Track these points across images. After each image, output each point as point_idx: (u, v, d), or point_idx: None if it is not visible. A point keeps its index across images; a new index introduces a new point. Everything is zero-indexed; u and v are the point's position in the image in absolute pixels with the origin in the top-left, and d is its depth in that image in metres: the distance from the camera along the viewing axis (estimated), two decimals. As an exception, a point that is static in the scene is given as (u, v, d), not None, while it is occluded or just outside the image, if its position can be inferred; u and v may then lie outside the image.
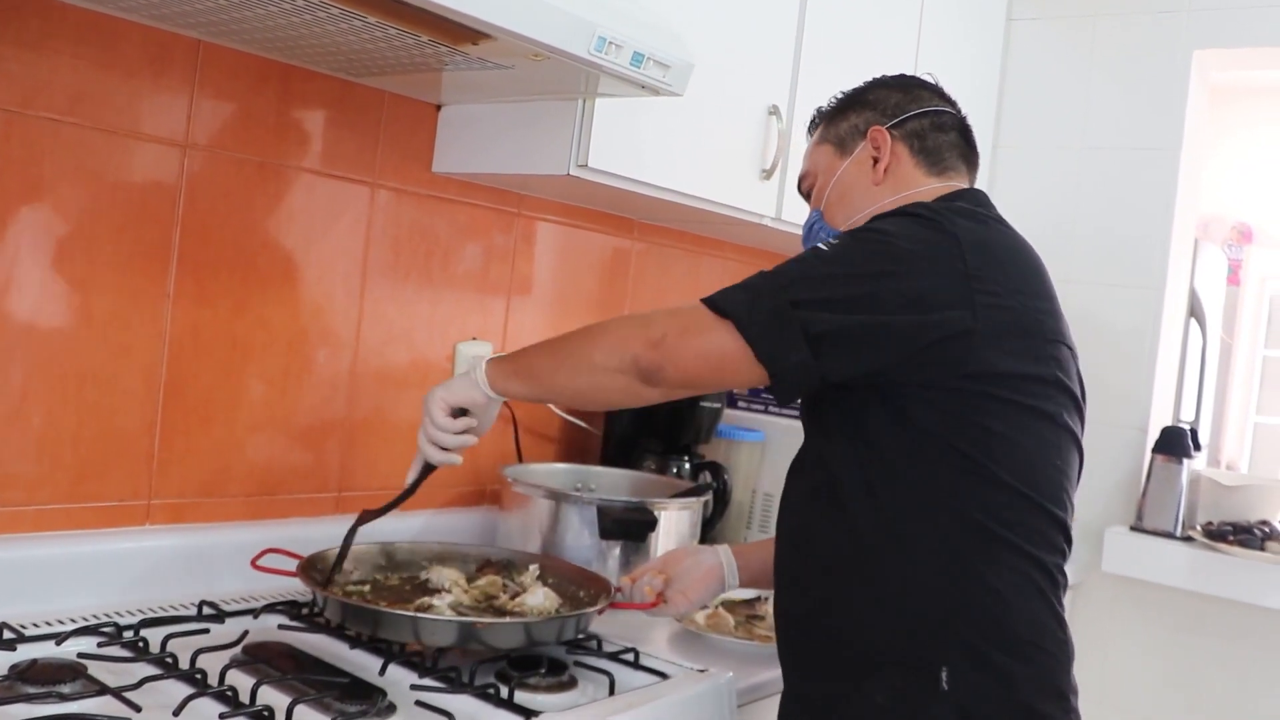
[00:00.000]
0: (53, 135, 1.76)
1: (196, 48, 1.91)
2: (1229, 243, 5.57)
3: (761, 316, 1.50)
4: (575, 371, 1.64)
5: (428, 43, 1.70)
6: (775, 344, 1.50)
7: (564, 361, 1.67)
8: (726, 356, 1.53)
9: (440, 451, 1.79)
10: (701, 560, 1.94)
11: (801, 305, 1.49)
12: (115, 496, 1.90)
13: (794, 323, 1.48)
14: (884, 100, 1.79)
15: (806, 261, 1.55)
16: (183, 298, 1.95)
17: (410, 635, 1.71)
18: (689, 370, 1.57)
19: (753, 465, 2.80)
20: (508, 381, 1.73)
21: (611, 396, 1.66)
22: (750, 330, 1.50)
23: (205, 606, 1.85)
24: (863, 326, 1.48)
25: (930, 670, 1.50)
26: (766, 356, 1.50)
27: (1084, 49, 3.37)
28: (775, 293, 1.51)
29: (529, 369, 1.72)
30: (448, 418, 1.76)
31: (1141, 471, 3.20)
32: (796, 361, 1.49)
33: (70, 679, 1.48)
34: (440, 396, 1.76)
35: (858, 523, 1.57)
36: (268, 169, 2.04)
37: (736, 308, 1.52)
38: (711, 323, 1.54)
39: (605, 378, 1.60)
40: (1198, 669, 3.15)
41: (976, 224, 1.58)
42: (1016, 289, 1.54)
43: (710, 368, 1.57)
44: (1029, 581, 1.54)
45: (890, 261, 1.51)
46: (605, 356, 1.59)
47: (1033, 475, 1.55)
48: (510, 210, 2.50)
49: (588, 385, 1.65)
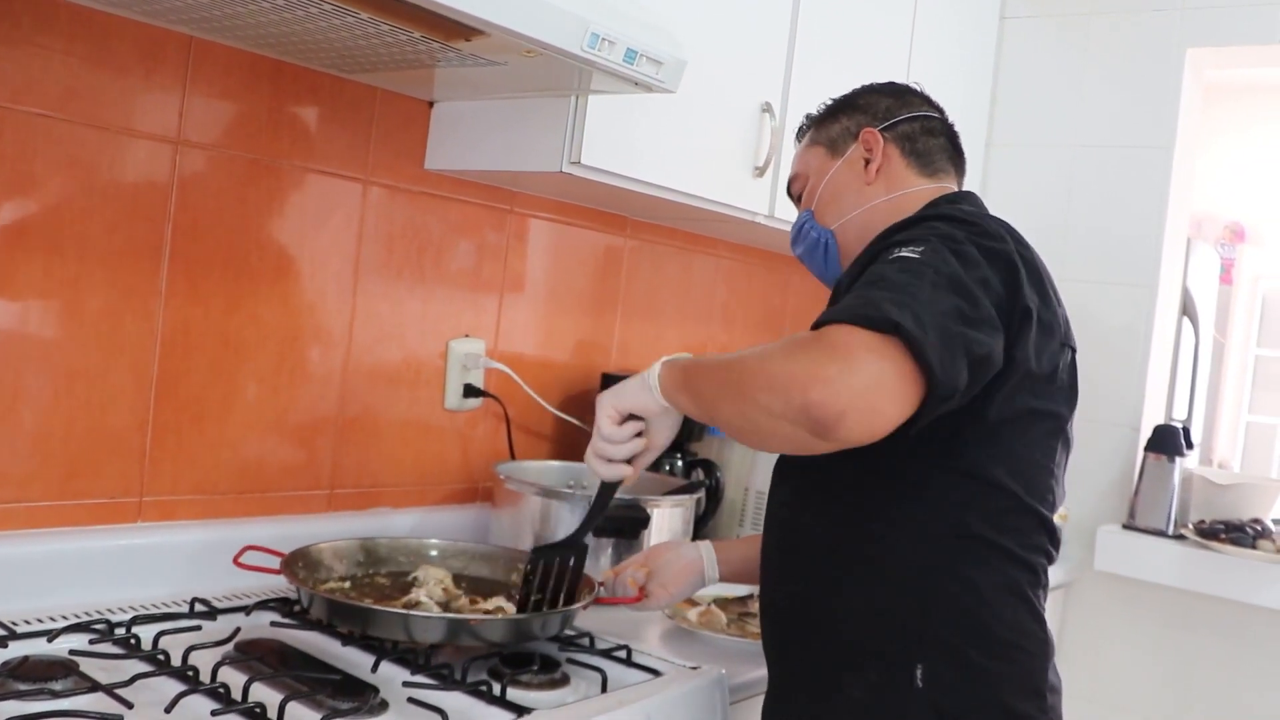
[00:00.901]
0: (44, 131, 1.75)
1: (188, 44, 1.91)
2: (1222, 241, 5.58)
3: (933, 332, 1.30)
4: (739, 410, 1.41)
5: (420, 39, 1.70)
6: (948, 363, 1.30)
7: (728, 393, 1.43)
8: (893, 383, 1.29)
9: (608, 465, 1.65)
10: (682, 554, 1.95)
11: (956, 318, 1.33)
12: (107, 494, 1.90)
13: (958, 341, 1.32)
14: (875, 105, 1.79)
15: (913, 271, 1.38)
16: (174, 295, 1.94)
17: (399, 632, 1.70)
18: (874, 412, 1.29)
19: (745, 463, 2.80)
20: (678, 394, 1.55)
21: (779, 446, 1.46)
22: (927, 349, 1.28)
23: (197, 603, 1.85)
24: (995, 350, 1.38)
25: (906, 667, 1.50)
26: (942, 377, 1.30)
27: (1077, 47, 3.38)
28: (923, 305, 1.32)
29: (698, 388, 1.52)
30: (616, 425, 1.61)
31: (1134, 470, 3.21)
32: (963, 383, 1.33)
33: (62, 676, 1.47)
34: (609, 402, 1.62)
35: (846, 519, 1.57)
36: (260, 166, 2.04)
37: (906, 320, 1.29)
38: (875, 343, 1.29)
39: (771, 424, 1.34)
40: (1190, 667, 3.16)
41: (998, 226, 1.57)
42: (1038, 291, 1.52)
43: (891, 400, 1.30)
44: (1012, 582, 1.54)
45: (979, 268, 1.41)
46: (771, 399, 1.33)
47: (1028, 479, 1.55)
48: (503, 207, 2.50)
49: (751, 428, 1.41)
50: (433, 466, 2.43)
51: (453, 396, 2.44)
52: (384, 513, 2.31)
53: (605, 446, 1.63)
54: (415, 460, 2.39)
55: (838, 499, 1.58)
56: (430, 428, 2.42)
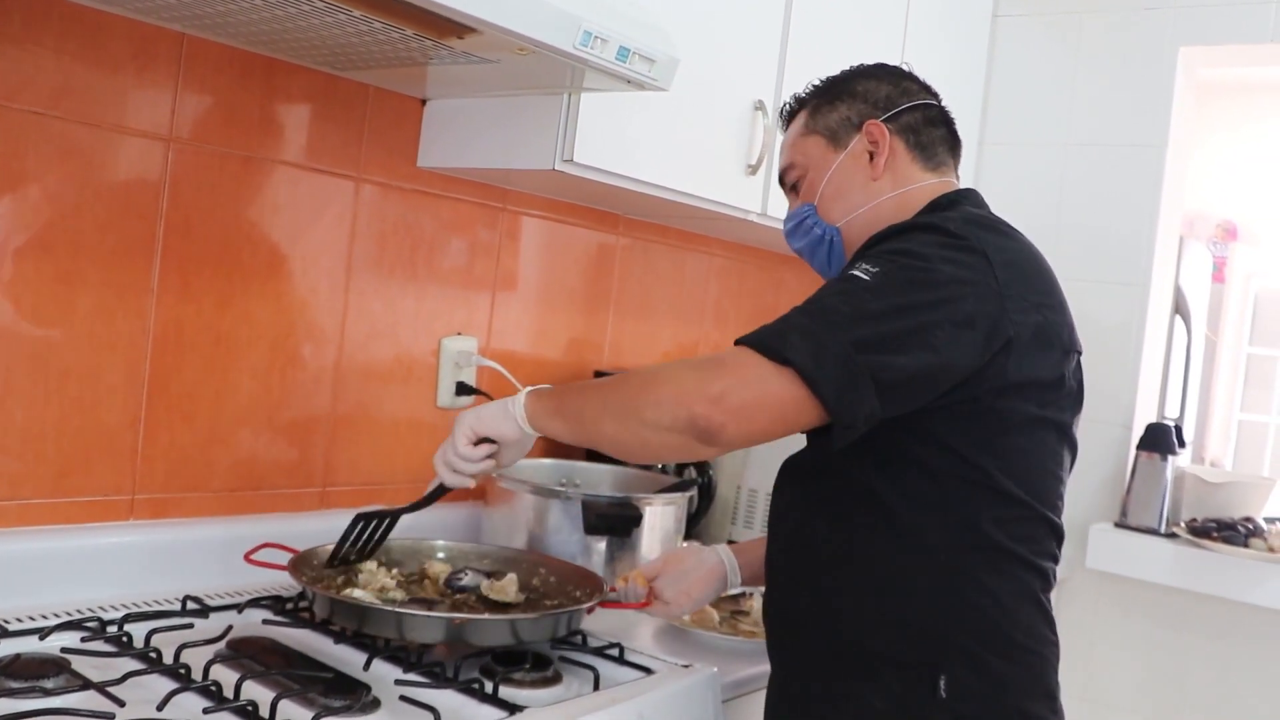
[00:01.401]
0: (37, 129, 1.75)
1: (181, 41, 1.90)
2: (1214, 240, 5.59)
3: (829, 366, 1.39)
4: (622, 424, 1.51)
5: (413, 37, 1.70)
6: (847, 395, 1.39)
7: (611, 412, 1.53)
8: (790, 408, 1.41)
9: (455, 475, 1.72)
10: (704, 560, 1.93)
11: (864, 349, 1.39)
12: (99, 491, 1.90)
13: (863, 372, 1.39)
14: (874, 92, 1.75)
15: (852, 295, 1.45)
16: (167, 292, 1.94)
17: (394, 631, 1.70)
18: (753, 425, 1.43)
19: (737, 461, 2.80)
20: (549, 420, 1.62)
21: (662, 454, 1.55)
22: (821, 385, 1.38)
23: (189, 601, 1.85)
24: (929, 367, 1.43)
25: (929, 677, 1.50)
26: (839, 410, 1.39)
27: (1070, 45, 3.38)
28: (834, 335, 1.40)
29: (572, 412, 1.60)
30: (470, 446, 1.68)
31: (1126, 468, 3.21)
32: (867, 412, 1.40)
33: (53, 674, 1.47)
34: (469, 424, 1.68)
35: (862, 527, 1.56)
36: (252, 163, 2.04)
37: (801, 357, 1.39)
38: (774, 373, 1.41)
39: (656, 435, 1.46)
40: (1182, 665, 3.16)
41: (997, 236, 1.56)
42: (1039, 301, 1.53)
43: (774, 422, 1.43)
44: (1026, 587, 1.56)
45: (935, 288, 1.45)
46: (658, 414, 1.45)
47: (1038, 486, 1.56)
48: (495, 205, 2.50)
49: (636, 441, 1.51)
50: (425, 464, 2.42)
51: (445, 394, 2.44)
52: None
53: (456, 461, 1.70)
54: (408, 458, 2.39)
55: (852, 508, 1.57)
56: (423, 425, 2.42)
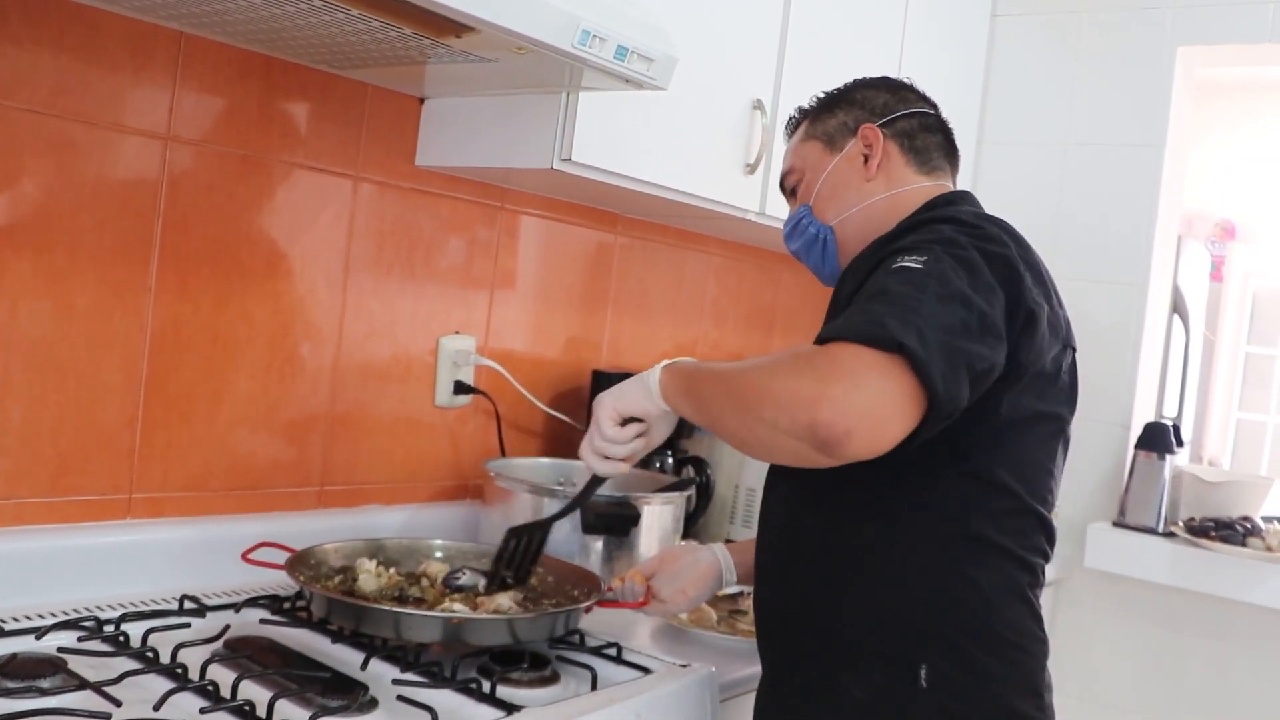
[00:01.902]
0: (34, 127, 1.75)
1: (179, 40, 1.90)
2: (1212, 239, 5.59)
3: (934, 351, 1.31)
4: (742, 421, 1.43)
5: (411, 35, 1.70)
6: (951, 383, 1.32)
7: (732, 405, 1.45)
8: (907, 402, 1.32)
9: (605, 461, 1.66)
10: (699, 558, 1.93)
11: (954, 334, 1.34)
12: (96, 490, 1.90)
13: (960, 357, 1.33)
14: (871, 100, 1.78)
15: (919, 284, 1.38)
16: (164, 291, 1.94)
17: (392, 630, 1.70)
18: (882, 435, 1.32)
19: (735, 460, 2.80)
20: (680, 399, 1.57)
21: (780, 457, 1.44)
22: (931, 369, 1.30)
23: (186, 601, 1.84)
24: (998, 359, 1.39)
25: (910, 668, 1.50)
26: (945, 397, 1.31)
27: (1069, 45, 3.38)
28: (925, 320, 1.33)
29: (701, 396, 1.54)
30: (617, 427, 1.63)
31: (1124, 467, 3.21)
32: (963, 401, 1.35)
33: (50, 673, 1.47)
34: (610, 404, 1.63)
35: (848, 520, 1.57)
36: (250, 162, 2.03)
37: (911, 341, 1.30)
38: (886, 365, 1.31)
39: (774, 437, 1.37)
40: (1180, 664, 3.16)
41: (1001, 229, 1.57)
42: (1042, 293, 1.53)
43: (896, 422, 1.32)
44: (1013, 582, 1.55)
45: (984, 274, 1.42)
46: (776, 414, 1.35)
47: (1030, 480, 1.56)
48: (493, 204, 2.50)
49: (754, 440, 1.43)
50: (423, 463, 2.43)
51: (443, 393, 2.44)
52: (374, 510, 2.30)
53: (606, 446, 1.64)
54: (405, 457, 2.39)
55: (839, 499, 1.58)
56: (420, 425, 2.42)
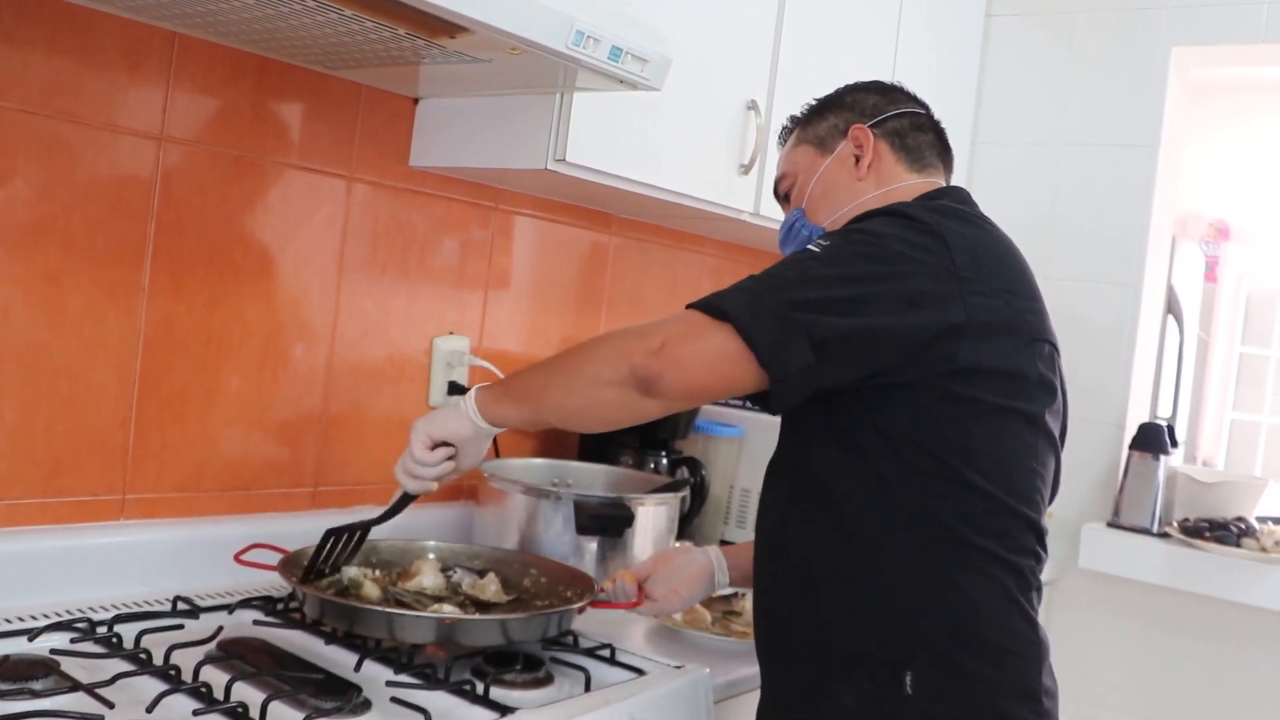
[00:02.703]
0: (27, 127, 1.75)
1: (172, 40, 1.90)
2: (1206, 240, 5.60)
3: (764, 320, 1.44)
4: (568, 388, 1.57)
5: (405, 36, 1.69)
6: (779, 348, 1.44)
7: (555, 378, 1.59)
8: (728, 361, 1.46)
9: (416, 481, 1.73)
10: (693, 559, 1.93)
11: (801, 308, 1.44)
12: (89, 491, 1.89)
13: (797, 327, 1.43)
14: (862, 102, 1.79)
15: (800, 263, 1.50)
16: (158, 292, 1.94)
17: (384, 631, 1.70)
18: (691, 377, 1.49)
19: (730, 461, 2.80)
20: (498, 406, 1.66)
21: (608, 413, 1.56)
22: (754, 335, 1.44)
23: (180, 602, 1.84)
24: (865, 330, 1.45)
25: (896, 674, 1.50)
26: (770, 361, 1.44)
27: (1063, 45, 3.38)
28: (774, 295, 1.46)
29: (519, 391, 1.65)
30: (427, 451, 1.70)
31: (1118, 468, 3.21)
32: (800, 367, 1.44)
33: (43, 675, 1.47)
34: (423, 430, 1.70)
35: (834, 525, 1.57)
36: (244, 163, 2.03)
37: (737, 310, 1.45)
38: (711, 326, 1.47)
39: (601, 392, 1.52)
40: (1174, 665, 3.17)
41: (962, 224, 1.57)
42: (1002, 288, 1.53)
43: (712, 375, 1.48)
44: (999, 585, 1.54)
45: (883, 262, 1.48)
46: (598, 369, 1.51)
47: (1009, 479, 1.55)
48: (487, 204, 2.50)
49: (582, 402, 1.56)
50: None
51: (437, 394, 2.43)
52: (368, 511, 2.29)
53: (415, 467, 1.72)
54: (399, 458, 2.38)
55: (824, 504, 1.58)
56: (415, 425, 2.41)
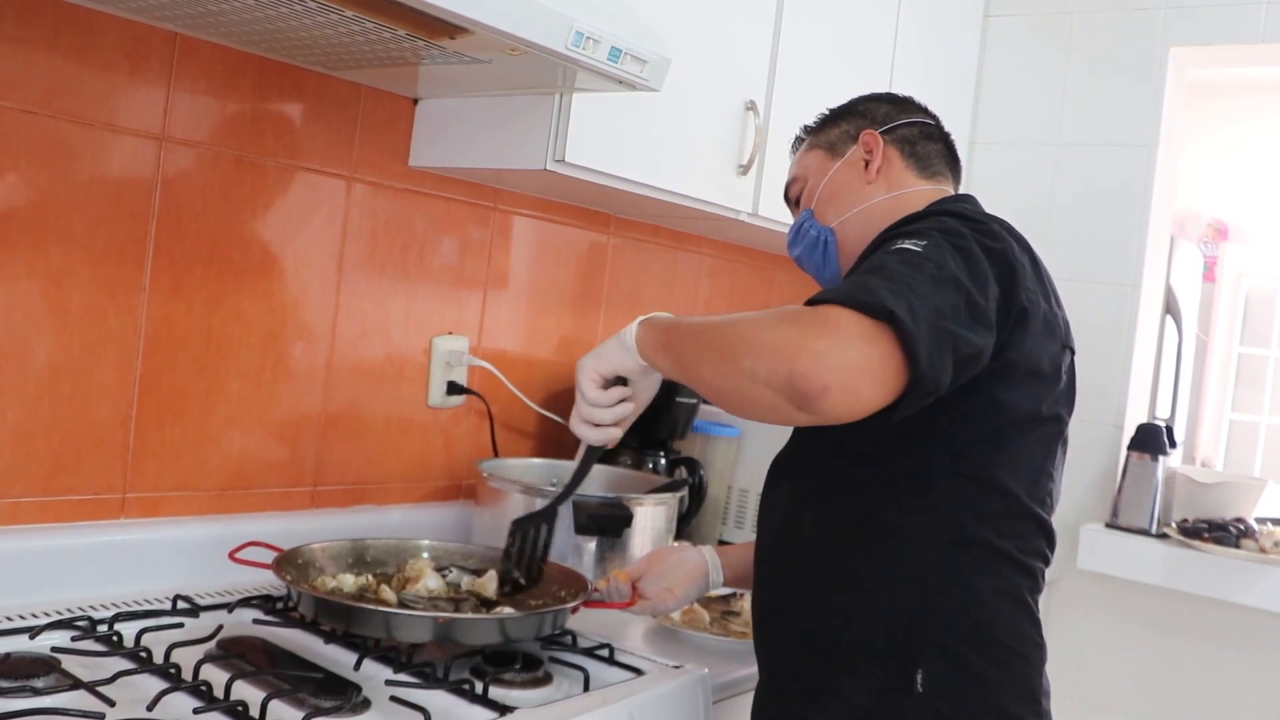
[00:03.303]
0: (29, 128, 1.75)
1: (173, 41, 1.90)
2: (1205, 239, 5.61)
3: (923, 325, 1.30)
4: (719, 372, 1.41)
5: (405, 37, 1.70)
6: (936, 360, 1.32)
7: (710, 355, 1.44)
8: (889, 370, 1.31)
9: (595, 429, 1.63)
10: (686, 558, 1.93)
11: (944, 316, 1.33)
12: (90, 490, 1.90)
13: (947, 338, 1.32)
14: (874, 110, 1.81)
15: (915, 265, 1.38)
16: (158, 291, 1.94)
17: (382, 631, 1.70)
18: (858, 395, 1.31)
19: (729, 461, 2.81)
20: (656, 353, 1.54)
21: (755, 410, 1.39)
22: (918, 342, 1.29)
23: (180, 601, 1.85)
24: (985, 348, 1.39)
25: (906, 672, 1.50)
26: (928, 372, 1.31)
27: (1061, 45, 3.38)
28: (918, 298, 1.32)
29: (676, 349, 1.52)
30: (599, 390, 1.61)
31: (1117, 468, 3.22)
32: (946, 381, 1.34)
33: (44, 673, 1.47)
34: (590, 366, 1.61)
35: (845, 522, 1.57)
36: (244, 162, 2.04)
37: (902, 311, 1.30)
38: (874, 331, 1.30)
39: (752, 388, 1.35)
40: (1172, 666, 3.17)
41: (1003, 228, 1.57)
42: (1041, 292, 1.54)
43: (875, 386, 1.31)
44: (1011, 586, 1.55)
45: (981, 264, 1.42)
46: (755, 364, 1.34)
47: (1029, 482, 1.55)
48: (487, 204, 2.50)
49: (731, 389, 1.40)
50: (416, 464, 2.43)
51: (436, 393, 2.44)
52: (367, 510, 2.30)
53: (592, 411, 1.61)
54: (398, 457, 2.39)
55: (838, 502, 1.58)
56: (413, 425, 2.42)
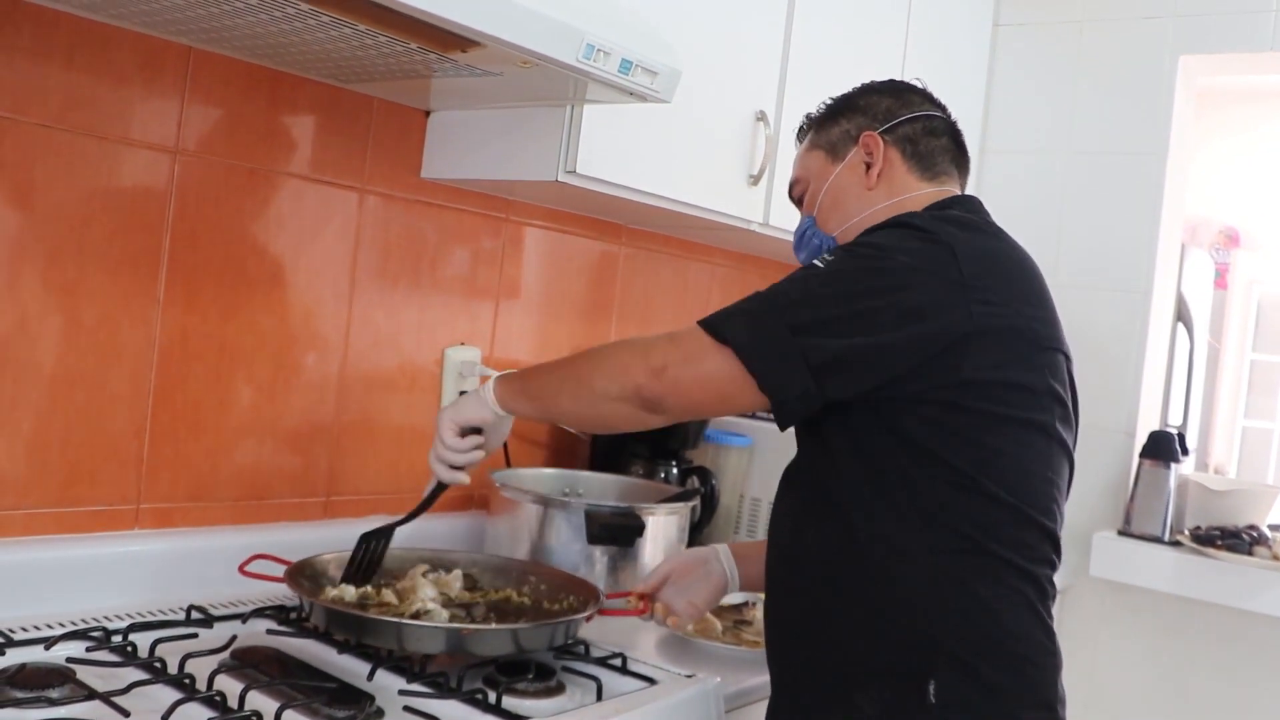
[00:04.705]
0: (45, 142, 1.76)
1: (187, 54, 1.91)
2: (1216, 246, 5.59)
3: (763, 346, 1.50)
4: (577, 397, 1.66)
5: (417, 50, 1.70)
6: (779, 375, 1.49)
7: (567, 386, 1.68)
8: (729, 384, 1.52)
9: (449, 470, 1.81)
10: (710, 570, 1.94)
11: (801, 331, 1.48)
12: (104, 501, 1.91)
13: (795, 352, 1.48)
14: (875, 105, 1.78)
15: (803, 281, 1.54)
16: (172, 303, 1.95)
17: (394, 642, 1.70)
18: (692, 399, 1.58)
19: (740, 470, 2.81)
20: (515, 401, 1.75)
21: (614, 423, 1.67)
22: (753, 361, 1.50)
23: (194, 611, 1.85)
24: (864, 349, 1.48)
25: (918, 683, 1.50)
26: (770, 388, 1.50)
27: (1070, 54, 3.38)
28: (774, 318, 1.51)
29: (535, 390, 1.74)
30: (456, 437, 1.78)
31: (1129, 476, 3.21)
32: (800, 392, 1.49)
33: (59, 684, 1.48)
34: (449, 417, 1.79)
35: (852, 535, 1.56)
36: (257, 175, 2.05)
37: (737, 336, 1.51)
38: (712, 350, 1.53)
39: (607, 405, 1.61)
40: (1186, 673, 3.16)
41: (971, 233, 1.57)
42: (1011, 297, 1.53)
43: (713, 396, 1.57)
44: (1019, 595, 1.55)
45: (887, 276, 1.50)
46: (607, 384, 1.60)
47: (1026, 488, 1.55)
48: (498, 215, 2.51)
49: (590, 411, 1.67)
50: (428, 474, 2.42)
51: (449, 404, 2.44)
52: (380, 520, 2.30)
53: (448, 454, 1.79)
54: (411, 467, 2.40)
55: (844, 515, 1.57)
56: (426, 435, 2.40)
